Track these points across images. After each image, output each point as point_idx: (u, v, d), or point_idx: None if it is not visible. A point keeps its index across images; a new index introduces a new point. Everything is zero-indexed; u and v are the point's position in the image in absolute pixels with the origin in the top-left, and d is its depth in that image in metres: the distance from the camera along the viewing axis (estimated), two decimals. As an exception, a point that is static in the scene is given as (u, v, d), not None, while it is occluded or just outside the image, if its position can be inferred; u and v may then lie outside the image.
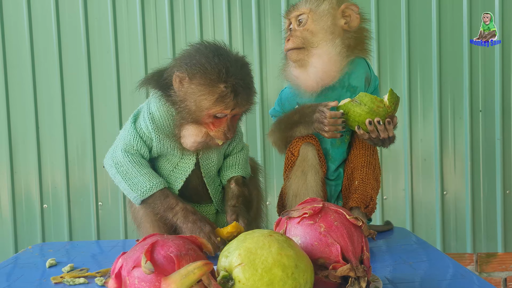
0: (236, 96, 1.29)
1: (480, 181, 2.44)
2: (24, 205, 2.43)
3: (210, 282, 0.83)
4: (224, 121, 1.34)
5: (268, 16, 2.40)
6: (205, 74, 1.28)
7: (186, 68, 1.30)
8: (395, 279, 1.15)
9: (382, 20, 2.40)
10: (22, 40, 2.39)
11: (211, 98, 1.28)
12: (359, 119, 1.36)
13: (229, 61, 1.29)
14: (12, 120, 2.41)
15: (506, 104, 2.41)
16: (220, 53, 1.31)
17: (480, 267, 2.46)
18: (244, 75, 1.32)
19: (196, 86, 1.29)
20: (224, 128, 1.34)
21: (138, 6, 2.40)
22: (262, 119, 2.37)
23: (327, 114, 1.36)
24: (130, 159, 1.39)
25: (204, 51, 1.31)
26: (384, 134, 1.37)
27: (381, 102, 1.34)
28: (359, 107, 1.34)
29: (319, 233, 0.97)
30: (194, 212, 1.37)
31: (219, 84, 1.27)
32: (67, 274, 1.27)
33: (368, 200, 1.46)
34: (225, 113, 1.32)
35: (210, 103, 1.29)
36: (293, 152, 1.48)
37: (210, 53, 1.30)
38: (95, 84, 2.41)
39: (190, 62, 1.30)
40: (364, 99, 1.34)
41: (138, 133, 1.40)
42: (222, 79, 1.27)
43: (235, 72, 1.29)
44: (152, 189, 1.36)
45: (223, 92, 1.28)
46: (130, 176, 1.37)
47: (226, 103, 1.29)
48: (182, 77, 1.30)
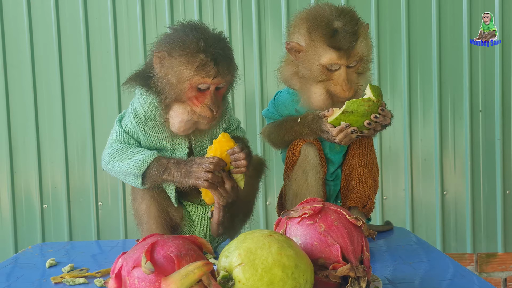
0: (216, 64, 1.30)
1: (480, 181, 2.44)
2: (24, 205, 2.43)
3: (210, 282, 0.84)
4: (208, 94, 1.34)
5: (268, 16, 2.40)
6: (184, 46, 1.30)
7: (164, 45, 1.33)
8: (395, 279, 1.15)
9: (382, 20, 2.40)
10: (22, 40, 2.39)
11: (191, 67, 1.30)
12: (357, 124, 1.39)
13: (207, 33, 1.32)
14: (12, 120, 2.41)
15: (506, 104, 2.41)
16: (197, 27, 1.34)
17: (480, 267, 2.46)
18: (223, 47, 1.34)
19: (176, 58, 1.31)
20: (208, 102, 1.34)
21: (138, 6, 2.39)
22: (262, 119, 2.37)
23: (334, 133, 1.40)
24: (120, 147, 1.40)
25: (181, 28, 1.35)
26: (385, 121, 1.41)
27: (369, 100, 1.37)
28: (353, 115, 1.37)
29: (319, 233, 0.97)
30: (185, 160, 1.36)
31: (199, 54, 1.29)
32: (67, 274, 1.27)
33: (366, 199, 1.47)
34: (207, 83, 1.32)
35: (191, 72, 1.30)
36: (294, 152, 1.48)
37: (187, 28, 1.33)
38: (95, 84, 2.41)
39: (168, 39, 1.34)
40: (353, 106, 1.37)
41: (124, 130, 1.42)
42: (201, 48, 1.29)
43: (213, 43, 1.31)
44: (146, 161, 1.36)
45: (203, 60, 1.29)
46: (124, 161, 1.38)
47: (207, 71, 1.30)
48: (161, 55, 1.32)
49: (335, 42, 1.39)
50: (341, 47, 1.39)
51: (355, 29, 1.40)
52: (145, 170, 1.36)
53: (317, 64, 1.42)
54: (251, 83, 2.39)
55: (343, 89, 1.42)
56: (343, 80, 1.41)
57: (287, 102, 1.55)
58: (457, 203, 2.45)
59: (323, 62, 1.41)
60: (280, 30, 2.36)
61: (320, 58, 1.41)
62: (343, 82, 1.41)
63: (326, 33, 1.40)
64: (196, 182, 1.32)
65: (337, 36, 1.39)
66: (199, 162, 1.32)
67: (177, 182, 1.37)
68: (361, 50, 1.42)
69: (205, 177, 1.31)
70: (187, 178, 1.33)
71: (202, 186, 1.33)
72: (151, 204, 1.44)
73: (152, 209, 1.44)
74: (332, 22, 1.40)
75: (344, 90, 1.42)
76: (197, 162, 1.32)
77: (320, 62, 1.42)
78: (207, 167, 1.30)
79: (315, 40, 1.42)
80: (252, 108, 2.39)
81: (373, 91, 1.37)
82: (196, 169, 1.32)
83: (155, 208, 1.44)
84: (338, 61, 1.41)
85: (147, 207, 1.44)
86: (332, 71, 1.43)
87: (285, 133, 1.50)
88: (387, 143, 2.43)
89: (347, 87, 1.42)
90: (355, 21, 1.41)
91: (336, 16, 1.40)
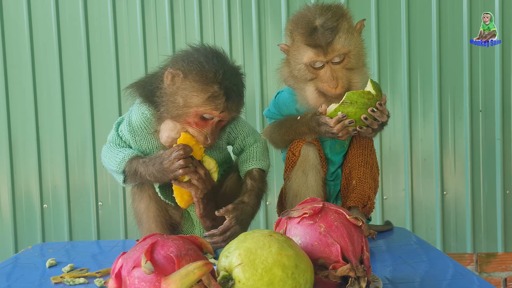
0: (227, 99, 1.30)
1: (480, 181, 2.44)
2: (24, 205, 2.43)
3: (210, 282, 0.84)
4: (210, 124, 1.34)
5: (268, 16, 2.40)
6: (202, 72, 1.29)
7: (183, 64, 1.32)
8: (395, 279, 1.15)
9: (382, 20, 2.40)
10: (22, 40, 2.39)
11: (203, 96, 1.29)
12: (355, 117, 1.38)
13: (226, 65, 1.31)
14: (12, 120, 2.41)
15: (506, 104, 2.41)
16: (219, 56, 1.32)
17: (480, 267, 2.46)
18: (238, 82, 1.33)
19: (190, 82, 1.30)
20: (207, 131, 1.33)
21: (138, 6, 2.40)
22: (262, 119, 2.37)
23: (332, 123, 1.39)
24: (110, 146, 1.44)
25: (203, 52, 1.33)
26: (382, 117, 1.39)
27: (369, 93, 1.37)
28: (352, 107, 1.37)
29: (319, 233, 0.97)
30: (152, 158, 1.35)
31: (214, 84, 1.28)
32: (67, 274, 1.27)
33: (366, 199, 1.47)
34: (213, 115, 1.32)
35: (201, 101, 1.29)
36: (294, 152, 1.48)
37: (209, 54, 1.32)
38: (95, 84, 2.41)
39: (187, 59, 1.32)
40: (353, 97, 1.37)
41: (119, 135, 1.45)
42: (217, 80, 1.28)
43: (230, 77, 1.30)
44: (124, 159, 1.38)
45: (216, 92, 1.28)
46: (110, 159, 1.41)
47: (216, 104, 1.29)
48: (175, 73, 1.31)
49: (312, 40, 1.39)
50: (318, 44, 1.39)
51: (335, 24, 1.38)
52: (124, 169, 1.38)
53: (301, 63, 1.43)
54: (251, 83, 2.39)
55: (329, 86, 1.41)
56: (328, 77, 1.41)
57: (288, 101, 1.55)
58: (457, 203, 2.45)
59: (305, 61, 1.42)
60: (280, 30, 2.36)
61: (302, 58, 1.43)
62: (329, 79, 1.41)
63: (304, 32, 1.41)
64: (174, 174, 1.31)
65: (315, 34, 1.39)
66: (167, 157, 1.31)
67: (153, 182, 1.38)
68: (342, 45, 1.40)
69: (179, 166, 1.30)
70: (164, 176, 1.33)
71: (180, 175, 1.31)
72: (150, 203, 1.44)
73: (151, 208, 1.45)
74: (313, 21, 1.40)
75: (330, 87, 1.41)
76: (165, 157, 1.32)
77: (303, 61, 1.43)
78: (178, 155, 1.29)
79: (296, 40, 1.44)
80: (252, 108, 2.39)
81: (373, 85, 1.38)
82: (167, 164, 1.31)
83: (154, 207, 1.44)
84: (317, 58, 1.41)
85: (146, 207, 1.45)
86: (317, 68, 1.43)
87: (285, 132, 1.50)
88: (387, 143, 2.43)
89: (333, 84, 1.41)
90: (336, 17, 1.40)
91: (318, 14, 1.40)
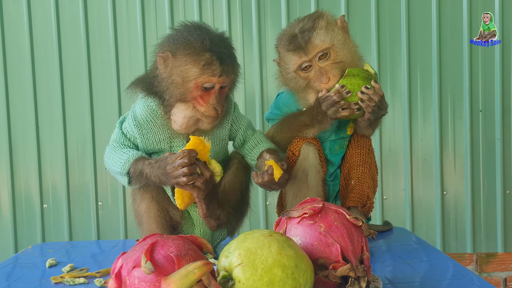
0: (222, 63, 1.31)
1: (480, 181, 2.44)
2: (24, 205, 2.43)
3: (210, 282, 0.84)
4: (213, 93, 1.34)
5: (268, 16, 2.40)
6: (189, 45, 1.30)
7: (169, 44, 1.33)
8: (395, 279, 1.15)
9: (382, 20, 2.40)
10: (22, 40, 2.39)
11: (197, 66, 1.30)
12: (358, 89, 1.41)
13: (211, 33, 1.33)
14: (12, 120, 2.41)
15: (506, 104, 2.41)
16: (201, 27, 1.34)
17: (480, 267, 2.46)
18: (227, 46, 1.35)
19: (181, 58, 1.31)
20: (213, 101, 1.34)
21: (138, 6, 2.40)
22: (262, 119, 2.37)
23: (332, 94, 1.40)
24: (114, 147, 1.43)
25: (184, 28, 1.35)
26: (376, 96, 1.40)
27: (367, 71, 1.43)
28: (354, 78, 1.41)
29: (319, 233, 0.97)
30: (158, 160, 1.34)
31: (205, 52, 1.30)
32: (67, 274, 1.27)
33: (365, 199, 1.47)
34: (213, 82, 1.32)
35: (197, 71, 1.30)
36: (294, 151, 1.48)
37: (191, 28, 1.34)
38: (95, 84, 2.41)
39: (172, 39, 1.34)
40: (354, 71, 1.41)
41: (123, 132, 1.44)
42: (206, 47, 1.30)
43: (218, 42, 1.32)
44: (128, 160, 1.37)
45: (209, 59, 1.29)
46: (114, 160, 1.40)
47: (212, 70, 1.30)
48: (165, 56, 1.32)
49: (292, 45, 1.43)
50: (298, 47, 1.42)
51: (311, 25, 1.42)
52: (128, 170, 1.37)
53: (290, 72, 1.46)
54: (251, 84, 2.39)
55: (321, 82, 1.43)
56: (318, 74, 1.43)
57: (289, 102, 1.55)
58: (457, 203, 2.45)
59: (292, 67, 1.45)
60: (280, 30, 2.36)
61: (289, 66, 1.46)
62: (318, 77, 1.43)
63: (286, 42, 1.45)
64: (176, 181, 1.28)
65: (294, 40, 1.43)
66: (171, 162, 1.28)
67: (158, 184, 1.36)
68: (321, 40, 1.41)
69: (182, 174, 1.27)
70: (166, 180, 1.31)
71: (183, 183, 1.28)
72: (151, 203, 1.44)
73: (152, 208, 1.44)
74: (292, 31, 1.44)
75: (323, 82, 1.43)
76: (169, 162, 1.29)
77: (291, 69, 1.45)
78: (182, 163, 1.27)
79: (281, 53, 1.49)
80: (252, 109, 2.39)
81: (371, 67, 1.45)
82: (170, 169, 1.28)
83: (155, 208, 1.44)
84: (300, 60, 1.43)
85: (147, 207, 1.45)
86: (306, 71, 1.44)
87: (288, 128, 1.50)
88: (387, 143, 2.43)
89: (324, 79, 1.42)
90: (312, 19, 1.43)
91: (296, 24, 1.45)
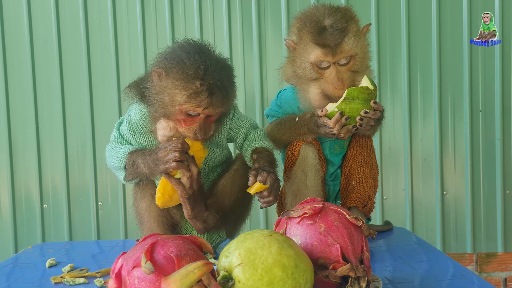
0: (210, 95, 1.27)
1: (480, 181, 2.44)
2: (24, 205, 2.43)
3: (210, 282, 0.84)
4: (197, 120, 1.32)
5: (268, 16, 2.40)
6: (182, 69, 1.27)
7: (165, 62, 1.31)
8: (395, 279, 1.15)
9: (382, 20, 2.40)
10: (22, 40, 2.39)
11: (184, 93, 1.27)
12: (356, 113, 1.38)
13: (209, 60, 1.28)
14: (12, 120, 2.41)
15: (506, 104, 2.41)
16: (202, 51, 1.30)
17: (480, 267, 2.46)
18: (223, 77, 1.30)
19: (172, 80, 1.28)
20: (195, 127, 1.32)
21: (138, 6, 2.39)
22: (262, 118, 2.37)
23: (331, 124, 1.38)
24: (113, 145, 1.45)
25: (186, 47, 1.31)
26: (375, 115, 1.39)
27: (368, 89, 1.38)
28: (354, 103, 1.37)
29: (319, 233, 0.97)
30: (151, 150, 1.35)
31: (195, 81, 1.26)
32: (67, 274, 1.27)
33: (366, 199, 1.46)
34: (197, 111, 1.30)
35: (183, 98, 1.27)
36: (293, 152, 1.48)
37: (192, 50, 1.30)
38: (95, 84, 2.41)
39: (170, 57, 1.31)
40: (354, 93, 1.37)
41: (120, 134, 1.46)
42: (199, 76, 1.26)
43: (214, 71, 1.27)
44: (125, 153, 1.38)
45: (198, 89, 1.26)
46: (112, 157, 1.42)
47: (199, 101, 1.27)
48: (159, 72, 1.30)
49: (321, 39, 1.39)
50: (326, 44, 1.39)
51: (344, 26, 1.38)
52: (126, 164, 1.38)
53: (307, 62, 1.43)
54: (251, 83, 2.39)
55: (334, 87, 1.41)
56: (334, 78, 1.41)
57: (290, 99, 1.55)
58: (457, 203, 2.45)
59: (311, 59, 1.42)
60: (280, 30, 2.36)
61: (308, 56, 1.42)
62: (334, 80, 1.40)
63: (313, 31, 1.40)
64: (165, 166, 1.29)
65: (324, 34, 1.38)
66: (163, 147, 1.30)
67: (148, 174, 1.36)
68: (350, 46, 1.40)
69: (173, 158, 1.27)
70: (156, 166, 1.31)
71: (172, 168, 1.29)
72: (152, 203, 1.45)
73: (152, 208, 1.45)
74: (322, 20, 1.40)
75: (335, 88, 1.40)
76: (162, 147, 1.31)
77: (309, 60, 1.42)
78: (174, 147, 1.28)
79: (304, 38, 1.43)
80: (252, 108, 2.39)
81: (370, 81, 1.39)
82: (162, 154, 1.29)
83: (156, 207, 1.44)
84: (324, 58, 1.41)
85: (147, 206, 1.45)
86: (323, 69, 1.42)
87: (285, 132, 1.50)
88: (387, 143, 2.43)
89: (338, 85, 1.40)
90: (346, 19, 1.40)
91: (327, 14, 1.40)
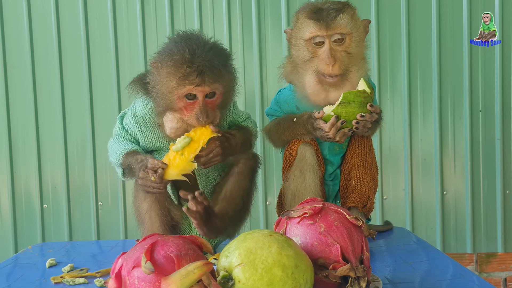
0: (201, 74, 1.31)
1: (480, 181, 2.44)
2: (24, 205, 2.43)
3: (210, 282, 0.84)
4: (197, 103, 1.35)
5: (268, 16, 2.40)
6: (171, 57, 1.33)
7: (158, 56, 1.38)
8: (395, 279, 1.16)
9: (382, 19, 2.40)
10: (22, 40, 2.39)
11: (175, 77, 1.32)
12: (352, 117, 1.37)
13: (195, 44, 1.34)
14: (12, 120, 2.41)
15: (506, 104, 2.41)
16: (188, 38, 1.36)
17: (480, 267, 2.46)
18: (211, 57, 1.34)
19: (164, 70, 1.35)
20: (196, 111, 1.35)
21: (138, 6, 2.39)
22: (262, 118, 2.37)
23: (327, 128, 1.38)
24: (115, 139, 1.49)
25: (174, 39, 1.39)
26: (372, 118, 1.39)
27: (364, 92, 1.38)
28: (350, 106, 1.37)
29: (319, 233, 0.97)
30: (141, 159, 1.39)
31: (183, 64, 1.31)
32: (67, 274, 1.27)
33: (366, 199, 1.46)
34: (191, 92, 1.33)
35: (175, 82, 1.32)
36: (291, 152, 1.48)
37: (178, 39, 1.37)
38: (95, 84, 2.41)
39: (162, 50, 1.39)
40: (350, 97, 1.37)
41: (124, 127, 1.48)
42: (186, 60, 1.31)
43: (201, 53, 1.32)
44: (122, 152, 1.42)
45: (185, 71, 1.31)
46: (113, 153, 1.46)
47: (190, 80, 1.31)
48: (155, 65, 1.37)
49: (315, 15, 1.41)
50: (321, 18, 1.40)
51: (339, 6, 1.41)
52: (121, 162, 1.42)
53: (301, 39, 1.44)
54: (251, 83, 2.39)
55: (325, 63, 1.40)
56: (326, 54, 1.40)
57: (288, 99, 1.55)
58: (457, 203, 2.45)
59: (306, 36, 1.43)
60: (280, 30, 2.36)
61: (304, 33, 1.44)
62: (326, 56, 1.40)
63: (309, 10, 1.43)
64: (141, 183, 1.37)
65: (319, 11, 1.41)
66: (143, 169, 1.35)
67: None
68: (344, 24, 1.41)
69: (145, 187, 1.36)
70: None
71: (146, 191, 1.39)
72: (153, 203, 1.45)
73: (153, 207, 1.46)
74: (319, 5, 1.44)
75: (327, 64, 1.39)
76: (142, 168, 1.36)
77: (304, 37, 1.43)
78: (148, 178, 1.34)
79: (300, 18, 1.46)
80: (252, 108, 2.39)
81: (367, 84, 1.39)
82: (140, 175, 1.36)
83: (157, 207, 1.46)
84: (318, 32, 1.41)
85: (148, 206, 1.46)
86: (317, 45, 1.42)
87: (283, 132, 1.51)
88: (387, 143, 2.43)
89: (330, 61, 1.39)
90: (342, 4, 1.43)
91: (325, 2, 1.45)
